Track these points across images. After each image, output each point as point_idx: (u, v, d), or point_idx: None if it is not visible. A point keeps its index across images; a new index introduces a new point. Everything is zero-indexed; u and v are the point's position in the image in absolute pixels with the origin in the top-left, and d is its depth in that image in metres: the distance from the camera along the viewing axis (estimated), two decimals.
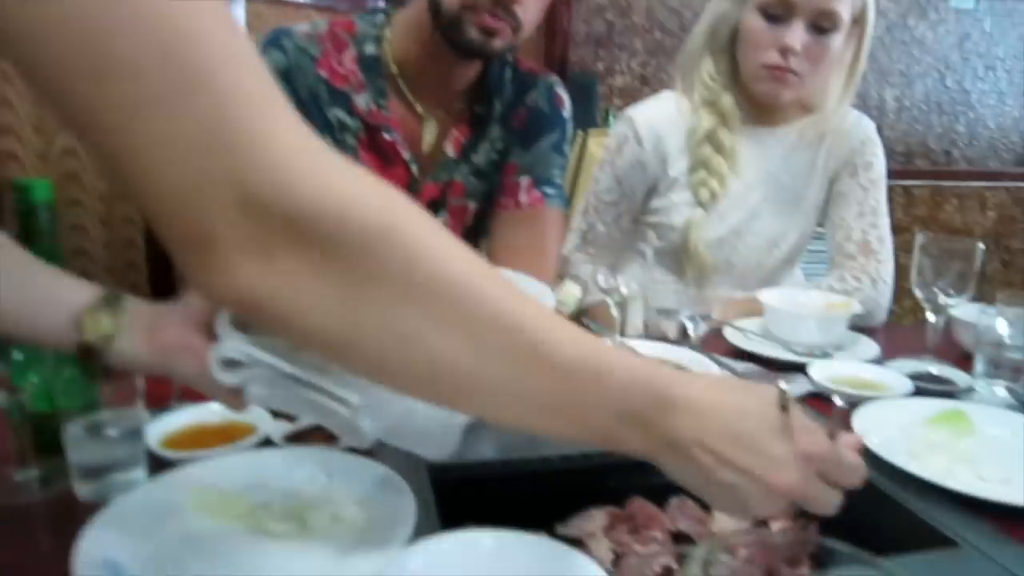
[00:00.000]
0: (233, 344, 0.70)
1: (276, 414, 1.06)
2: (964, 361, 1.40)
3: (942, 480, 0.91)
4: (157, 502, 0.83)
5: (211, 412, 1.04)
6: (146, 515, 0.81)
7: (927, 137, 4.23)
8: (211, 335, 0.73)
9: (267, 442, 1.01)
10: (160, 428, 1.00)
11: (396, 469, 0.95)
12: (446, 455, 0.76)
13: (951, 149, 4.29)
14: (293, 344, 0.69)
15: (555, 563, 0.68)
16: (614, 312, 1.39)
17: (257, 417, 1.05)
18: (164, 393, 1.06)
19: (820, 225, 1.85)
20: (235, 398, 0.76)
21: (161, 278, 2.67)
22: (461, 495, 1.01)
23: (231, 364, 0.71)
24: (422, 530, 0.84)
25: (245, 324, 0.71)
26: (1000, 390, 1.27)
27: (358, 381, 0.69)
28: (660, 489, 1.04)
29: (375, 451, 1.03)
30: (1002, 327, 1.28)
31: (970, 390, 1.28)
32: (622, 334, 1.37)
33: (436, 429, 0.76)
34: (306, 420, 1.06)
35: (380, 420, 0.71)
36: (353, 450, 0.99)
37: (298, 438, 1.03)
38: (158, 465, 0.91)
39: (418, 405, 0.70)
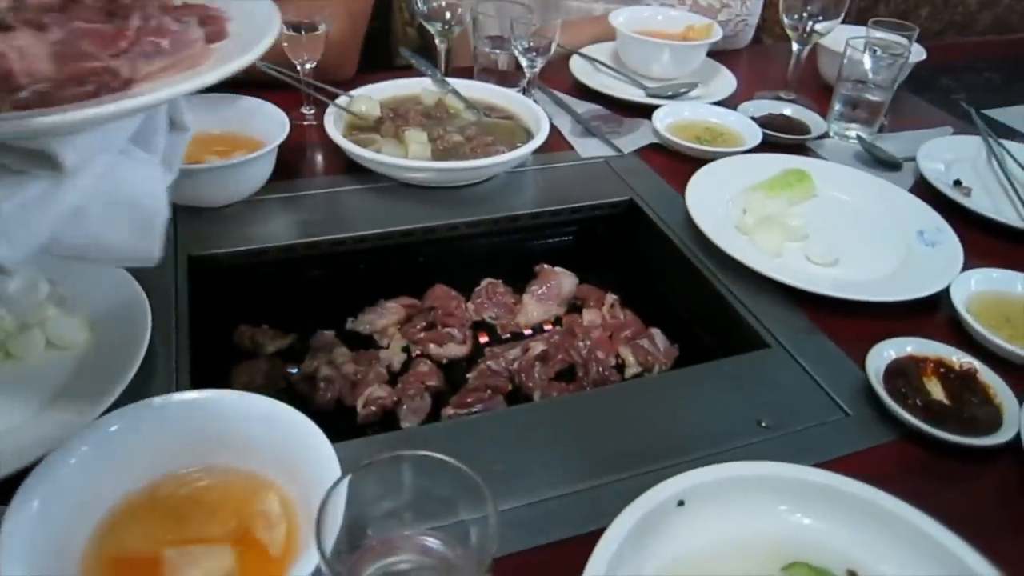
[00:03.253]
0: None
1: None
2: (824, 94, 1.28)
3: (767, 269, 0.83)
4: None
5: None
6: None
7: None
8: None
9: None
10: None
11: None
12: (148, 260, 0.51)
13: None
14: None
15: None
16: (439, 44, 1.16)
17: None
18: None
19: None
20: None
21: None
22: (228, 286, 0.87)
23: None
24: (169, 348, 0.71)
25: None
26: (852, 133, 1.16)
27: None
28: (466, 275, 0.93)
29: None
30: (867, 62, 1.14)
31: (823, 136, 1.17)
32: (446, 72, 1.16)
33: (124, 230, 0.49)
34: None
35: (30, 231, 0.43)
36: None
37: None
38: None
39: (96, 203, 0.46)
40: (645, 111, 1.17)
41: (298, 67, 1.05)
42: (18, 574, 0.44)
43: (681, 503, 0.56)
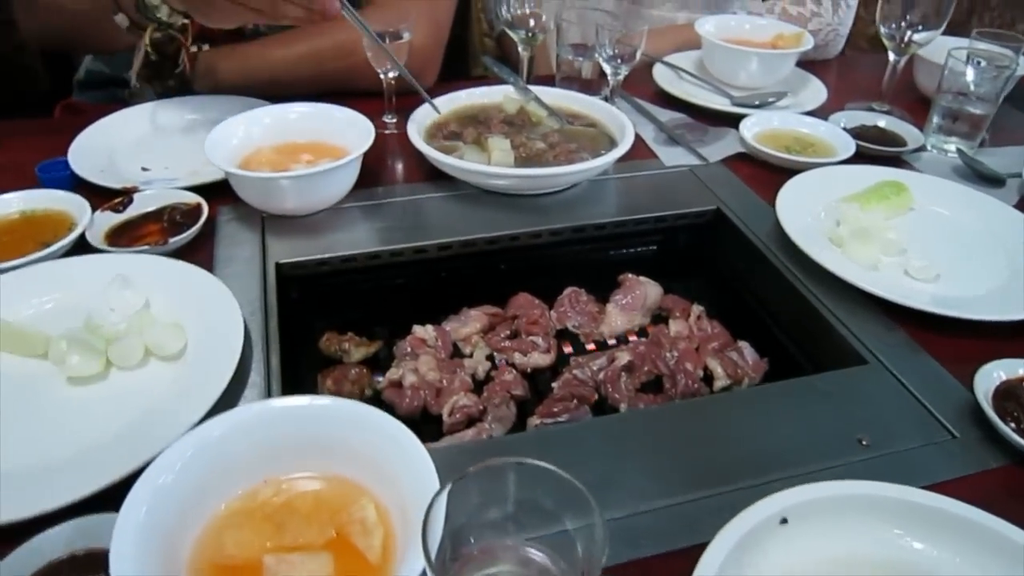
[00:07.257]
0: None
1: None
2: (920, 106, 1.23)
3: (864, 282, 0.80)
4: None
5: (6, 202, 0.87)
6: None
7: None
8: None
9: (83, 245, 0.82)
10: None
11: (234, 273, 0.81)
12: None
13: None
14: None
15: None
16: (522, 52, 1.16)
17: (76, 206, 0.87)
18: None
19: None
20: None
21: None
22: (314, 293, 0.88)
23: None
24: (261, 355, 0.72)
25: None
26: (951, 147, 1.12)
27: None
28: (549, 283, 0.92)
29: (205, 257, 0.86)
30: (970, 74, 1.10)
31: (921, 149, 1.12)
32: (528, 81, 1.16)
33: None
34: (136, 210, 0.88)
35: None
36: (178, 254, 0.82)
37: (125, 234, 0.85)
38: None
39: None
40: (731, 120, 1.15)
41: (381, 75, 1.06)
42: None
43: (784, 521, 0.54)
